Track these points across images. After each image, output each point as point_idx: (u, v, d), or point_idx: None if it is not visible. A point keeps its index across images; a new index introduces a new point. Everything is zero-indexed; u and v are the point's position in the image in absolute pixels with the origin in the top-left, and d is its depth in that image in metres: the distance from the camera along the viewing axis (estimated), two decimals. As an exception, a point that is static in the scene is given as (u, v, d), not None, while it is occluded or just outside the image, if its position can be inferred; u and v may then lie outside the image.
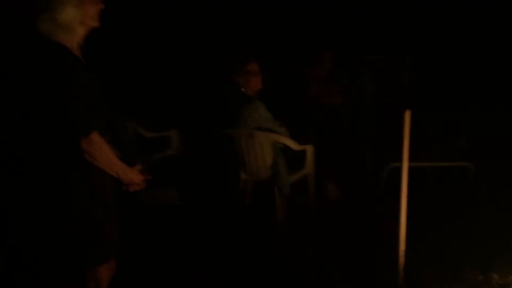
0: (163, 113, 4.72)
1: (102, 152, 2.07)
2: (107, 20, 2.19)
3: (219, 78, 4.10)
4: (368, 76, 5.64)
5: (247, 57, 3.88)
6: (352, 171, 4.35)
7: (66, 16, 2.01)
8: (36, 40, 2.01)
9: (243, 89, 3.81)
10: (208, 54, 5.53)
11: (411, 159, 2.88)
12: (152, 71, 5.31)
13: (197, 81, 5.15)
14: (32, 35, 2.01)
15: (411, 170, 2.90)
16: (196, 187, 4.34)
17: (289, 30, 7.75)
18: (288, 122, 3.97)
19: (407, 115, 2.79)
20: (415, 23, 7.10)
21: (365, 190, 4.30)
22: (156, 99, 4.90)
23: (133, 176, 2.21)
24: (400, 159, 2.87)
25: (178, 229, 3.80)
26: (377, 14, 7.84)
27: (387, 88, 5.17)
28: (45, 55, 2.00)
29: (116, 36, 2.19)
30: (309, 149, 3.93)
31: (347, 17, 7.84)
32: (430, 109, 4.77)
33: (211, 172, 4.24)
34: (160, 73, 5.28)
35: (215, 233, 3.73)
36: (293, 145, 3.83)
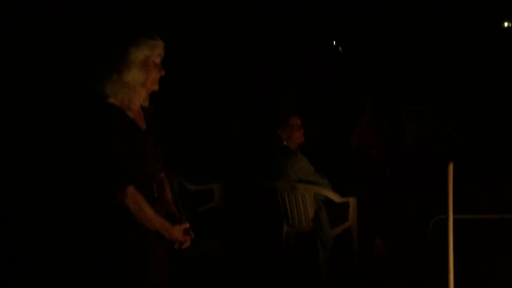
0: (206, 166, 4.82)
1: (137, 206, 2.13)
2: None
3: (262, 132, 4.19)
4: (412, 127, 5.62)
5: (290, 111, 3.97)
6: (397, 224, 4.28)
7: (131, 77, 2.17)
8: (94, 101, 2.18)
9: (285, 143, 3.88)
10: (249, 107, 5.66)
11: (458, 211, 2.83)
12: (196, 124, 5.48)
13: (240, 134, 5.26)
14: (92, 96, 2.18)
15: (458, 222, 2.85)
16: (240, 239, 4.36)
17: (332, 80, 7.88)
18: (330, 174, 3.99)
19: (451, 167, 2.75)
20: (460, 75, 7.11)
21: (411, 243, 4.22)
22: (199, 152, 5.02)
23: (175, 234, 2.22)
24: (445, 211, 2.82)
25: (222, 282, 3.80)
26: (421, 64, 7.91)
27: (431, 139, 5.13)
28: (97, 114, 2.16)
29: (161, 88, 2.32)
30: (352, 201, 3.92)
31: (391, 67, 7.93)
32: (476, 160, 4.71)
33: (254, 225, 4.27)
34: (204, 126, 5.43)
35: (259, 286, 3.71)
36: (335, 197, 3.84)
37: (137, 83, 2.19)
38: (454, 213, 2.81)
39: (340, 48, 9.39)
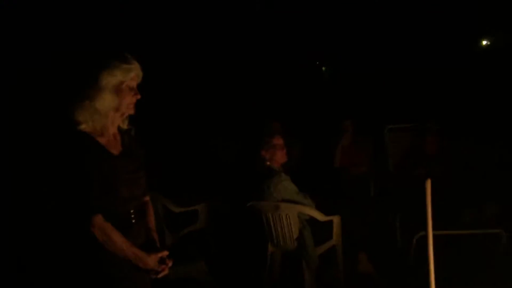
0: (190, 187, 4.82)
1: (105, 236, 2.09)
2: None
3: (245, 152, 4.21)
4: (394, 145, 5.67)
5: (273, 131, 3.99)
6: (382, 240, 4.30)
7: (102, 104, 2.12)
8: (64, 128, 2.14)
9: (268, 163, 3.89)
10: (232, 128, 5.69)
11: (442, 226, 2.85)
12: (179, 145, 5.48)
13: (222, 155, 5.27)
14: (63, 122, 2.14)
15: (440, 238, 2.87)
16: (225, 260, 4.35)
17: (313, 100, 7.95)
18: (314, 193, 4.00)
19: (428, 184, 2.79)
20: (439, 91, 7.21)
21: (395, 259, 4.23)
22: (183, 174, 5.02)
23: (149, 263, 2.16)
24: (425, 227, 2.84)
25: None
26: (403, 81, 8.01)
27: (415, 156, 5.17)
28: (65, 141, 2.12)
29: (142, 110, 2.30)
30: (336, 219, 3.93)
31: (371, 86, 8.02)
32: (459, 176, 4.75)
33: (239, 245, 4.26)
34: (187, 148, 5.43)
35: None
36: (319, 216, 3.85)
37: (110, 109, 2.14)
38: (435, 229, 2.84)
39: (323, 68, 9.52)
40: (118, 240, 2.11)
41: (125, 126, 2.27)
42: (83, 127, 2.12)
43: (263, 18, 7.63)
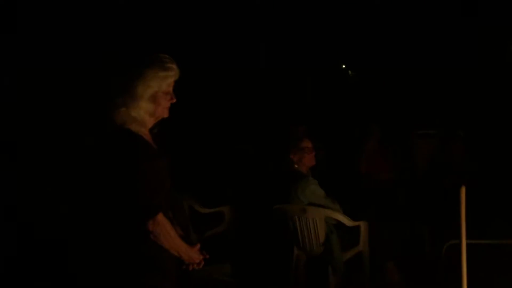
0: (217, 188, 4.81)
1: (166, 233, 2.13)
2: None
3: (273, 155, 4.19)
4: (420, 151, 5.60)
5: (301, 135, 3.97)
6: (410, 248, 4.23)
7: (139, 111, 2.13)
8: (112, 129, 2.15)
9: (296, 166, 3.87)
10: (260, 130, 5.68)
11: (470, 236, 2.80)
12: (206, 146, 5.49)
13: (250, 157, 5.26)
14: (108, 124, 2.15)
15: (471, 248, 2.81)
16: (250, 263, 4.33)
17: (338, 104, 7.91)
18: (342, 198, 3.96)
19: (463, 191, 2.73)
20: (469, 99, 7.11)
21: (424, 268, 4.16)
22: (210, 175, 5.02)
23: (193, 255, 2.24)
24: (458, 236, 2.79)
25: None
26: (429, 87, 7.92)
27: (442, 163, 5.11)
28: (119, 142, 2.13)
29: (171, 112, 2.31)
30: (363, 225, 3.89)
31: (400, 91, 7.94)
32: (488, 184, 4.67)
33: (264, 248, 4.24)
34: (215, 149, 5.44)
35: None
36: (346, 221, 3.81)
37: (146, 115, 2.15)
38: (467, 238, 2.79)
39: (350, 72, 9.45)
40: (175, 235, 2.17)
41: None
42: (130, 127, 2.14)
43: (289, 22, 7.62)
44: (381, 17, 7.99)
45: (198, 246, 2.28)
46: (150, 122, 2.21)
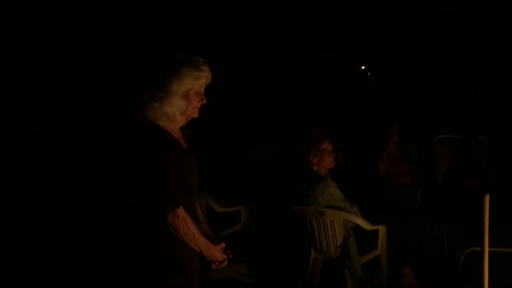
0: (234, 187, 4.81)
1: (186, 227, 2.15)
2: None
3: (291, 156, 4.17)
4: (441, 155, 5.53)
5: (321, 136, 3.94)
6: (429, 254, 4.19)
7: (171, 107, 2.19)
8: (141, 124, 2.20)
9: (315, 168, 3.85)
10: (280, 129, 5.66)
11: (492, 243, 2.75)
12: (225, 145, 5.49)
13: (269, 157, 5.24)
14: (138, 119, 2.20)
15: (491, 255, 2.77)
16: (266, 263, 4.32)
17: (357, 105, 7.85)
18: (359, 201, 3.93)
19: (487, 199, 2.69)
20: (490, 104, 7.00)
21: (442, 274, 4.11)
22: (228, 174, 5.02)
23: (216, 253, 2.26)
24: (477, 243, 2.75)
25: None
26: (449, 90, 7.82)
27: (463, 168, 5.03)
28: (146, 135, 2.18)
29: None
30: (382, 229, 3.85)
31: (420, 93, 7.85)
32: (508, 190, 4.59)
33: (281, 249, 4.22)
34: (234, 148, 5.44)
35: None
36: (364, 224, 3.78)
37: (177, 112, 2.21)
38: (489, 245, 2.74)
39: (368, 74, 9.38)
40: (195, 231, 2.18)
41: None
42: (160, 123, 2.19)
43: (306, 21, 7.59)
44: (403, 15, 7.90)
45: (223, 245, 2.30)
46: (180, 120, 2.26)
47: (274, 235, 4.34)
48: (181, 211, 2.14)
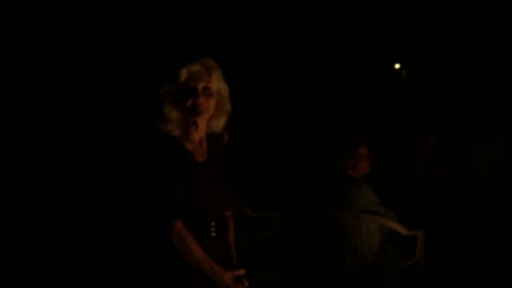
0: (267, 192, 4.76)
1: (182, 244, 2.02)
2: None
3: (327, 160, 4.10)
4: (482, 156, 5.36)
5: (358, 140, 3.89)
6: (468, 260, 4.04)
7: (167, 113, 2.13)
8: (157, 135, 2.14)
9: (350, 172, 3.76)
10: (315, 133, 5.58)
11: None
12: (257, 150, 5.44)
13: (303, 161, 5.18)
14: (156, 132, 2.15)
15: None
16: (299, 269, 4.25)
17: (392, 105, 7.69)
18: (397, 205, 3.83)
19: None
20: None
21: (483, 279, 3.97)
22: (262, 179, 4.97)
23: (225, 280, 2.06)
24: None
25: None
26: (488, 90, 7.58)
27: (505, 170, 4.86)
28: (153, 144, 2.12)
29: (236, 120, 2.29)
30: (420, 234, 3.73)
31: (459, 91, 7.64)
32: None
33: (315, 254, 4.15)
34: (270, 154, 5.39)
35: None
36: (402, 230, 3.67)
37: (174, 116, 2.12)
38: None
39: (403, 72, 9.18)
40: (196, 250, 2.03)
41: (220, 130, 2.23)
42: (172, 131, 2.12)
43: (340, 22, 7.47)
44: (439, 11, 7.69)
45: (239, 272, 2.10)
46: (198, 122, 2.15)
47: (308, 240, 4.28)
48: (177, 226, 2.01)
